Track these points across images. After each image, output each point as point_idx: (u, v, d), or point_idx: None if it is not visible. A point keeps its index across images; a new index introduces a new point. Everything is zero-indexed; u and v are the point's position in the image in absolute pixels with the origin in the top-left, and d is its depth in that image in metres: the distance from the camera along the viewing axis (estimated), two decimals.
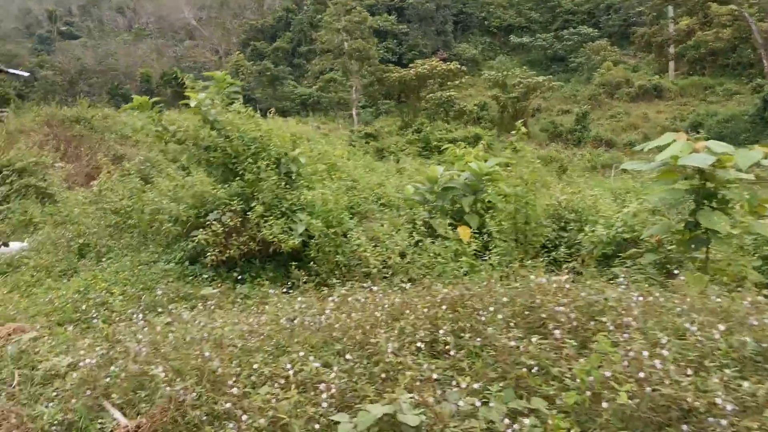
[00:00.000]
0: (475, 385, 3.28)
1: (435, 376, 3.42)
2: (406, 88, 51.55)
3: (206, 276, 8.79)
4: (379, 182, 11.89)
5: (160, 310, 7.26)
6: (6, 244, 11.68)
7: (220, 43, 77.67)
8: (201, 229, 8.94)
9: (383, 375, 3.63)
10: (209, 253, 8.63)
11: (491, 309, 4.32)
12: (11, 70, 34.12)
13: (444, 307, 4.33)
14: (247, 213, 9.09)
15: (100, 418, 3.99)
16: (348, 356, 3.88)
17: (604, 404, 3.11)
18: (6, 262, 10.48)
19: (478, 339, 3.98)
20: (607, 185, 15.63)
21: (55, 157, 18.82)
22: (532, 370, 3.52)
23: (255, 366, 3.81)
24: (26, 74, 38.98)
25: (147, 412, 3.81)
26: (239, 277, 8.73)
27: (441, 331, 4.02)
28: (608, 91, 53.16)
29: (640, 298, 4.31)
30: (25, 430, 4.16)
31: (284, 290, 7.82)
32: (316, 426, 3.31)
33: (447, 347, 3.98)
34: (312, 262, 9.11)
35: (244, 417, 3.35)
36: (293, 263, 8.68)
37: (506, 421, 3.15)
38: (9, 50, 64.77)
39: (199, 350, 4.39)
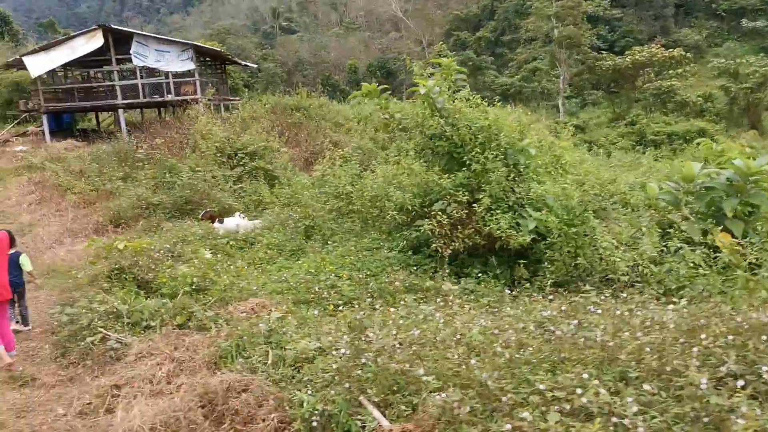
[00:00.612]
0: None
1: None
2: (619, 77, 47.93)
3: (429, 267, 8.59)
4: (611, 178, 10.83)
5: (390, 299, 7.20)
6: (221, 221, 12.50)
7: (423, 34, 78.91)
8: (426, 219, 8.77)
9: (705, 419, 2.94)
10: (434, 244, 8.41)
11: None
12: (243, 63, 37.69)
13: (764, 337, 3.49)
14: (473, 205, 8.73)
15: (359, 414, 3.81)
16: (646, 386, 3.24)
17: None
18: (242, 238, 11.25)
19: None
20: None
21: (280, 142, 20.18)
22: None
23: (540, 386, 3.31)
24: (255, 66, 42.90)
25: (411, 417, 3.52)
26: (463, 270, 8.40)
27: (765, 369, 3.21)
28: None
29: None
30: (284, 414, 4.14)
31: (511, 290, 7.36)
32: None
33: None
34: (540, 262, 8.52)
35: None
36: (520, 261, 8.15)
37: None
38: (239, 45, 71.82)
39: (455, 353, 4.05)
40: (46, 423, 4.82)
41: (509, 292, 6.84)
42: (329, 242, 10.36)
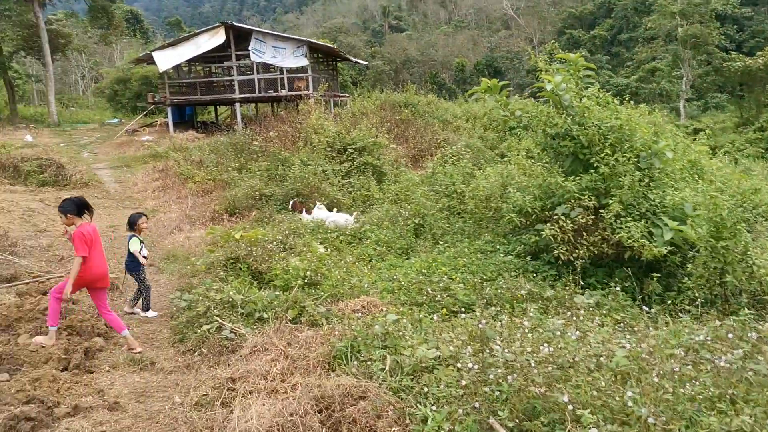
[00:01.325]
0: None
1: None
2: (749, 80, 44.27)
3: (549, 274, 8.05)
4: (754, 187, 9.76)
5: (507, 307, 6.77)
6: (309, 212, 12.34)
7: (534, 32, 76.85)
8: (547, 223, 8.24)
9: None
10: (556, 251, 7.86)
11: None
12: (354, 59, 38.23)
13: None
14: (600, 210, 8.10)
15: None
16: None
17: None
18: (351, 233, 11.13)
19: None
20: None
21: (388, 138, 20.05)
22: None
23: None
24: (365, 63, 43.42)
25: None
26: (585, 280, 7.78)
27: None
28: None
29: None
30: (404, 428, 3.84)
31: (650, 307, 6.71)
32: None
33: None
34: (673, 276, 7.78)
35: None
36: (652, 274, 7.43)
37: None
38: (349, 42, 73.11)
39: (601, 380, 3.59)
40: (164, 411, 4.81)
41: (646, 309, 6.20)
42: (440, 242, 10.03)
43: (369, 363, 4.74)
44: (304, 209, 12.68)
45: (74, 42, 38.73)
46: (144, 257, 7.57)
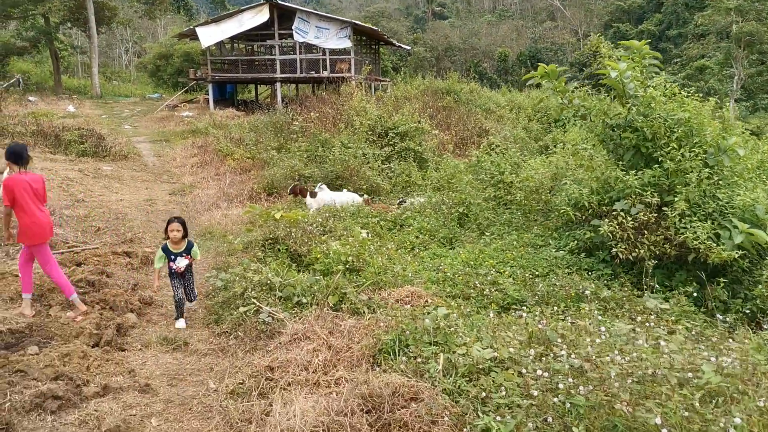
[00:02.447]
0: None
1: None
2: None
3: (604, 273, 7.56)
4: None
5: (562, 306, 6.31)
6: (313, 195, 11.83)
7: (580, 25, 74.98)
8: (604, 219, 7.73)
9: None
10: (615, 249, 7.34)
11: None
12: (398, 44, 37.67)
13: None
14: (663, 208, 7.55)
15: None
16: None
17: None
18: (392, 219, 10.74)
19: None
20: None
21: (431, 124, 19.56)
22: None
23: None
24: (408, 47, 42.87)
25: None
26: (643, 282, 7.26)
27: None
28: None
29: None
30: None
31: (721, 316, 6.19)
32: None
33: None
34: (738, 282, 7.23)
35: None
36: (720, 279, 6.90)
37: None
38: (391, 28, 72.19)
39: (693, 399, 3.14)
40: (197, 396, 4.51)
41: (721, 318, 5.69)
42: (486, 233, 9.58)
43: (419, 360, 4.36)
44: (308, 193, 11.92)
45: (119, 15, 38.93)
46: (172, 269, 6.47)
